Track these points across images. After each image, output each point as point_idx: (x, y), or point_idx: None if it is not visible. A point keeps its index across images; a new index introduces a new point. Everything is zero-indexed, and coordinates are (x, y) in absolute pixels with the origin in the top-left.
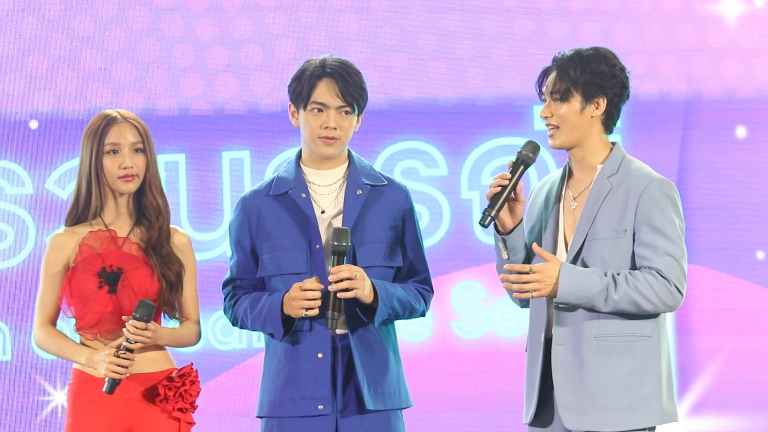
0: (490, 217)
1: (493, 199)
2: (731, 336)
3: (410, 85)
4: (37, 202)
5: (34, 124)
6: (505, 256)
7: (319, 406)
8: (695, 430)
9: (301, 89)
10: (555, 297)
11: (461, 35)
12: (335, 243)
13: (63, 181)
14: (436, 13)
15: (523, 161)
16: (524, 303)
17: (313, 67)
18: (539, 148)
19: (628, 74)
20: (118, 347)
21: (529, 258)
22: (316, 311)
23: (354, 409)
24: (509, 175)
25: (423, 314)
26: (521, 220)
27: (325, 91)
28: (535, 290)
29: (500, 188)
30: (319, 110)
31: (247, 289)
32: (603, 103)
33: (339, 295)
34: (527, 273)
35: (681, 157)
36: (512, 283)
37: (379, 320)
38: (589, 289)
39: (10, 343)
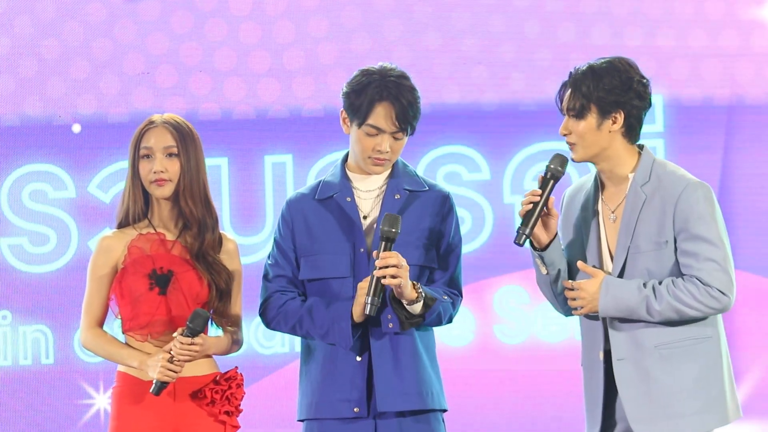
0: (524, 236)
1: (526, 216)
2: None
3: (453, 89)
4: (80, 205)
5: (76, 128)
6: (544, 271)
7: (355, 409)
8: None
9: (359, 107)
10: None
11: (504, 39)
12: (385, 228)
13: (105, 185)
14: (478, 18)
15: (553, 176)
16: (568, 311)
17: (372, 87)
18: (567, 161)
19: (646, 83)
20: (173, 355)
21: (570, 268)
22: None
23: (392, 412)
24: (540, 191)
25: (450, 320)
26: (556, 233)
27: (382, 115)
28: (581, 306)
29: (532, 205)
30: (374, 134)
31: (292, 292)
32: (620, 117)
33: (384, 282)
34: (572, 290)
35: (724, 162)
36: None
37: (428, 318)
38: (628, 301)
39: (52, 347)
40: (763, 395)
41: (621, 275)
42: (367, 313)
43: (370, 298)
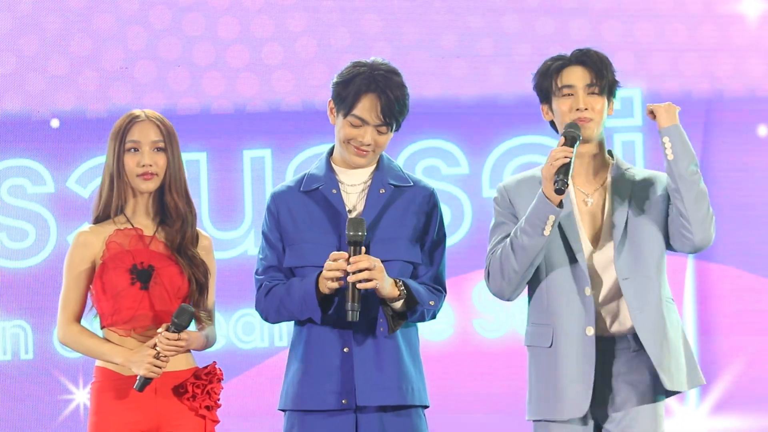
0: (565, 183)
1: (562, 168)
2: (754, 335)
3: (432, 83)
4: (59, 200)
5: (55, 123)
6: (548, 232)
7: (343, 401)
8: (717, 429)
9: (345, 97)
10: (663, 126)
11: (483, 34)
12: (351, 233)
13: (84, 180)
14: (457, 12)
15: (573, 137)
16: (516, 295)
17: (360, 78)
18: (579, 127)
19: None
20: (159, 351)
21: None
22: (339, 283)
23: (373, 407)
24: (569, 149)
25: (434, 316)
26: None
27: (367, 107)
28: (658, 107)
29: (568, 159)
30: (358, 125)
31: (279, 280)
32: (613, 102)
33: (359, 285)
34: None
35: (703, 156)
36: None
37: (411, 317)
38: (691, 148)
39: (32, 342)
40: (742, 388)
41: (624, 238)
42: (350, 320)
43: (350, 305)
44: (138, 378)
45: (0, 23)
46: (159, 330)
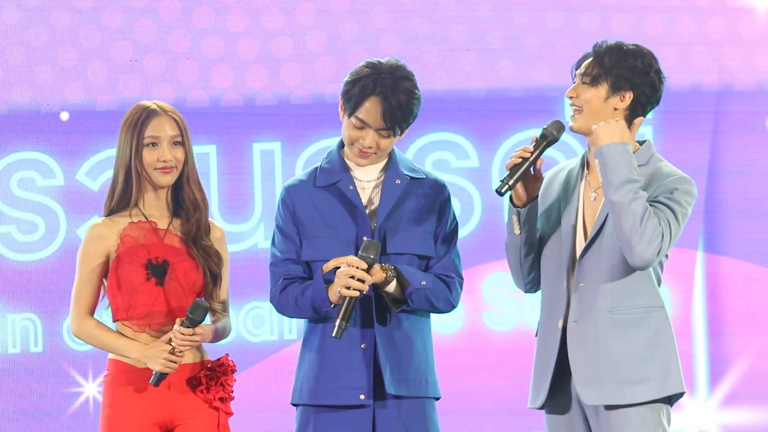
0: (507, 186)
1: (513, 169)
2: (764, 328)
3: (441, 76)
4: (68, 193)
5: (65, 116)
6: (517, 231)
7: (360, 396)
8: (726, 422)
9: (350, 97)
10: (594, 145)
11: (492, 27)
12: (363, 254)
13: (94, 173)
14: (466, 5)
15: (546, 138)
16: (528, 286)
17: (366, 80)
18: (564, 128)
19: (662, 79)
20: (174, 346)
21: (542, 238)
22: (355, 293)
23: (390, 399)
24: (531, 149)
25: (453, 306)
26: (536, 196)
27: (369, 110)
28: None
29: (521, 160)
30: (360, 127)
31: (295, 277)
32: (629, 97)
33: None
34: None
35: (712, 149)
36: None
37: (412, 298)
38: (628, 165)
39: (41, 335)
40: (752, 381)
41: (597, 234)
42: (334, 335)
43: (338, 322)
44: (153, 373)
45: (9, 15)
46: (176, 327)
